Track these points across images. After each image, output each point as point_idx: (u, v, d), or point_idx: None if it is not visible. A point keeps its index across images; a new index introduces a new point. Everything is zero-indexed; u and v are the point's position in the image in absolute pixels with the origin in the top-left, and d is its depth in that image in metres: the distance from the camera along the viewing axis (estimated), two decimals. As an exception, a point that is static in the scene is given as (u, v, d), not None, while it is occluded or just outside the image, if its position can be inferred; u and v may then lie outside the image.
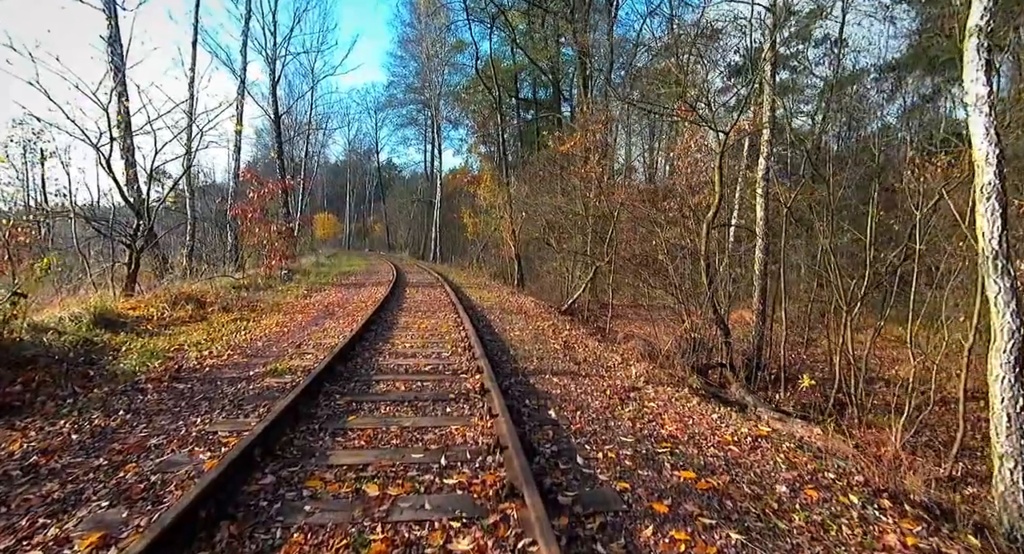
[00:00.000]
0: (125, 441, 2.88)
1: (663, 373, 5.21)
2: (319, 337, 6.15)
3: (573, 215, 11.70)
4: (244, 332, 6.51)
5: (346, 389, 3.92)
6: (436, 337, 6.24)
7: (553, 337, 6.76)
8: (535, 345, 6.06)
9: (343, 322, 7.28)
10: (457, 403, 3.66)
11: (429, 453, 2.77)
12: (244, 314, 7.95)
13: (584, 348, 6.18)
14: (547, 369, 4.87)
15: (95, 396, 3.68)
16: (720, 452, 3.05)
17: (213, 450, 2.75)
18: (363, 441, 2.91)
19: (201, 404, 3.56)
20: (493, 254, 25.08)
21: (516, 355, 5.44)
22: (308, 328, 6.84)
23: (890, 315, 6.63)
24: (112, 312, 6.50)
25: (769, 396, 6.61)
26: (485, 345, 5.61)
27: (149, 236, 8.17)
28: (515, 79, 28.72)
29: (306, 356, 5.08)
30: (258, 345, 5.71)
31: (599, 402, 3.88)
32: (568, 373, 4.74)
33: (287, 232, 13.79)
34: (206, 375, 4.37)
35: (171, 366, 4.69)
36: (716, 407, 4.14)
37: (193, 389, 3.94)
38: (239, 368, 4.62)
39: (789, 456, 3.10)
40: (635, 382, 4.61)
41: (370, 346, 5.54)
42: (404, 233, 44.82)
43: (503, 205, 20.73)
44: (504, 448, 2.78)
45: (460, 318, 7.56)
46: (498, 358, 5.22)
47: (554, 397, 3.94)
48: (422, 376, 4.37)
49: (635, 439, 3.14)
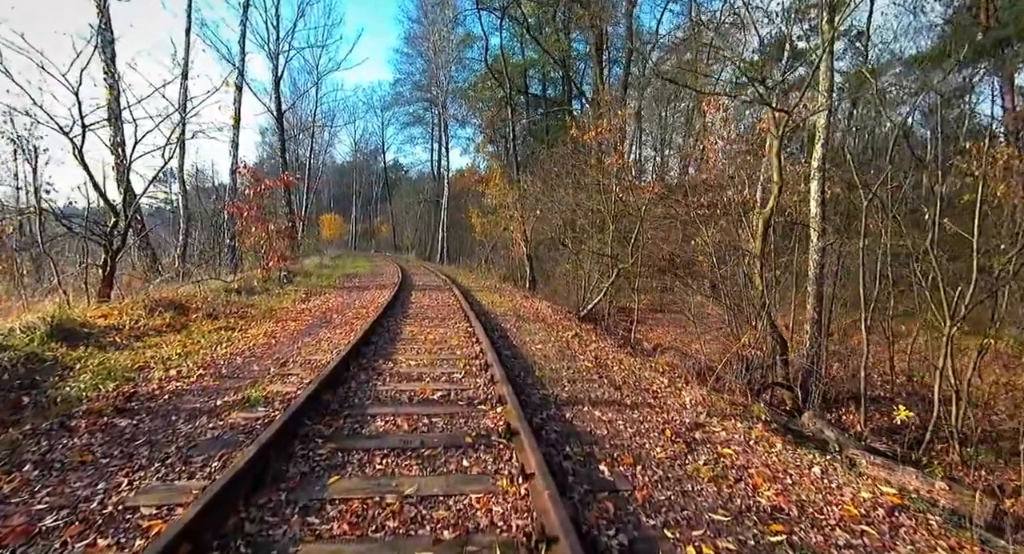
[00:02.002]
0: (6, 521, 2.02)
1: (721, 400, 4.28)
2: (310, 351, 5.29)
3: (593, 213, 10.77)
4: (225, 344, 5.66)
5: (332, 429, 3.04)
6: (446, 352, 5.36)
7: (580, 351, 5.85)
8: (562, 362, 5.15)
9: (340, 332, 6.42)
10: (476, 452, 2.77)
11: (440, 548, 1.88)
12: (231, 322, 7.12)
13: (619, 365, 5.27)
14: (583, 396, 3.97)
15: (5, 439, 2.83)
16: (854, 537, 2.14)
17: (122, 545, 1.87)
18: (345, 525, 2.02)
19: (140, 453, 2.69)
20: (502, 255, 24.20)
21: (542, 376, 4.54)
22: (300, 339, 5.99)
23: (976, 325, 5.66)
24: (74, 321, 5.68)
25: (840, 422, 5.66)
26: (504, 363, 4.72)
27: (128, 235, 7.35)
28: (524, 76, 27.85)
29: (289, 378, 4.21)
30: (237, 362, 4.86)
31: (661, 448, 2.97)
32: (610, 403, 3.83)
33: (286, 232, 12.98)
34: (161, 405, 3.52)
35: (125, 391, 3.85)
36: (806, 452, 3.21)
37: (138, 427, 3.07)
38: (205, 395, 3.76)
39: (950, 542, 2.18)
40: (695, 415, 3.69)
41: (368, 365, 4.67)
42: (411, 234, 44.10)
43: (513, 204, 19.85)
44: (552, 541, 1.88)
45: (472, 327, 6.68)
46: (521, 381, 4.32)
47: (601, 441, 3.03)
48: (430, 408, 3.48)
49: (729, 517, 2.22)
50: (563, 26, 23.11)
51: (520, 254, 19.47)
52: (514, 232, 19.92)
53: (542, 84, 29.99)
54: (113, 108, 9.94)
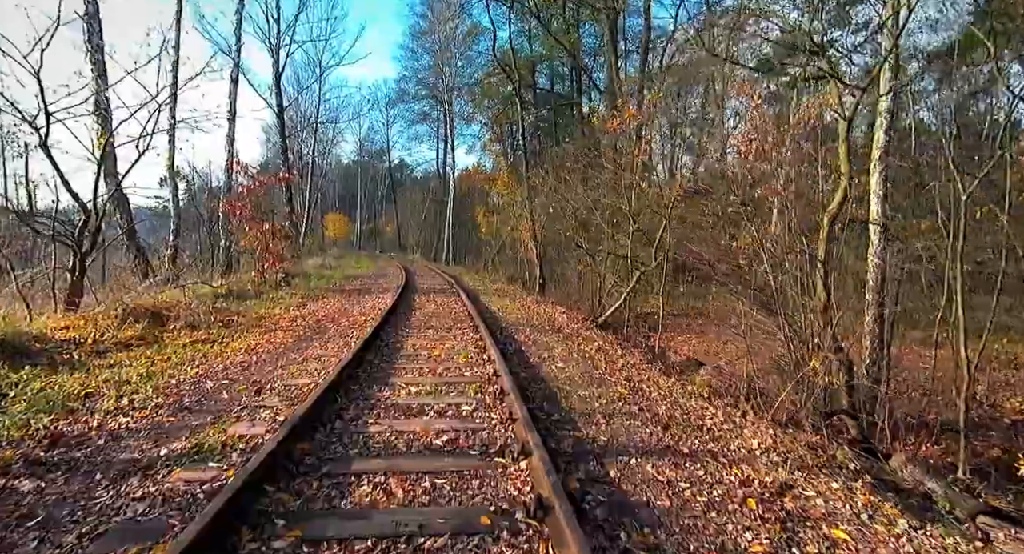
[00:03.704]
0: None
1: (794, 442, 3.45)
2: (294, 373, 4.52)
3: (611, 212, 9.94)
4: (198, 362, 4.91)
5: (300, 500, 2.25)
6: (453, 373, 4.57)
7: (608, 371, 5.03)
8: (591, 387, 4.34)
9: (333, 347, 5.65)
10: (497, 545, 1.97)
11: None
12: (213, 333, 6.37)
13: (657, 390, 4.45)
14: (627, 440, 3.15)
15: None
16: None
17: None
18: None
19: (24, 546, 1.92)
20: (509, 256, 23.42)
21: (571, 408, 3.73)
22: (285, 356, 5.22)
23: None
24: (26, 335, 4.95)
25: (916, 456, 4.80)
26: (523, 389, 3.93)
27: (99, 234, 6.62)
28: (533, 72, 27.03)
29: (261, 413, 3.43)
30: (206, 387, 4.09)
31: (750, 534, 2.15)
32: (663, 450, 3.02)
33: (283, 232, 12.26)
34: (90, 455, 2.75)
35: (55, 430, 3.09)
36: (940, 531, 2.39)
37: (43, 494, 2.30)
38: (152, 437, 2.99)
39: None
40: (773, 468, 2.87)
41: (359, 393, 3.88)
42: (416, 234, 43.47)
43: (522, 202, 19.05)
44: None
45: (482, 339, 5.90)
46: (546, 417, 3.52)
47: (667, 521, 2.22)
48: (433, 462, 2.69)
49: None
50: (573, 19, 22.27)
51: (529, 254, 18.67)
52: (523, 232, 19.13)
53: (550, 80, 29.16)
54: (101, 101, 9.28)
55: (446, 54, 29.79)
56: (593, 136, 10.84)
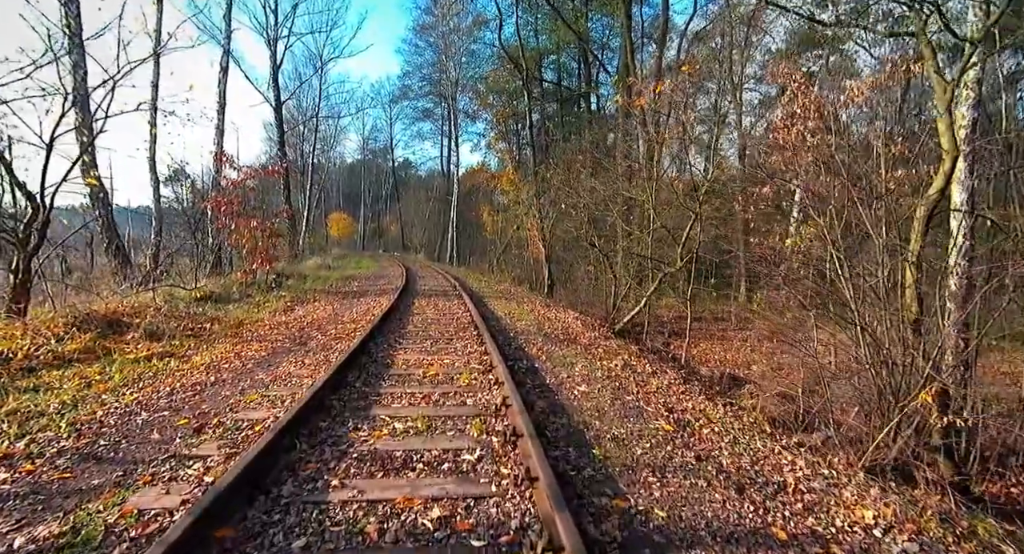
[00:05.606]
0: None
1: (916, 508, 2.52)
2: (252, 401, 3.63)
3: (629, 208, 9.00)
4: (143, 385, 4.03)
5: None
6: (452, 402, 3.66)
7: (640, 394, 4.10)
8: (627, 423, 3.41)
9: (310, 363, 4.76)
10: None
11: None
12: (176, 344, 5.51)
13: (708, 424, 3.51)
14: (693, 518, 2.23)
15: None
16: None
17: None
18: None
19: None
20: (515, 256, 22.52)
21: (607, 460, 2.81)
22: (251, 375, 4.33)
23: None
24: (-67, 351, 4.09)
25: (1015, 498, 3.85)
26: (542, 429, 3.03)
27: (47, 230, 5.77)
28: (539, 65, 26.10)
29: (186, 470, 2.53)
30: (135, 422, 3.21)
31: None
32: (750, 537, 2.09)
33: (274, 229, 11.41)
34: (-90, 548, 1.86)
35: None
36: None
37: None
38: (18, 510, 2.11)
39: None
40: (920, 569, 1.94)
41: (328, 434, 2.98)
42: (420, 233, 42.64)
43: (529, 199, 18.17)
44: None
45: (488, 354, 4.99)
46: (577, 474, 2.60)
47: None
48: (415, 565, 1.78)
49: None
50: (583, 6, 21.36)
51: (536, 254, 17.78)
52: (530, 230, 18.24)
53: (557, 74, 28.21)
54: (79, 89, 8.45)
55: (450, 49, 28.92)
56: (606, 126, 9.91)
